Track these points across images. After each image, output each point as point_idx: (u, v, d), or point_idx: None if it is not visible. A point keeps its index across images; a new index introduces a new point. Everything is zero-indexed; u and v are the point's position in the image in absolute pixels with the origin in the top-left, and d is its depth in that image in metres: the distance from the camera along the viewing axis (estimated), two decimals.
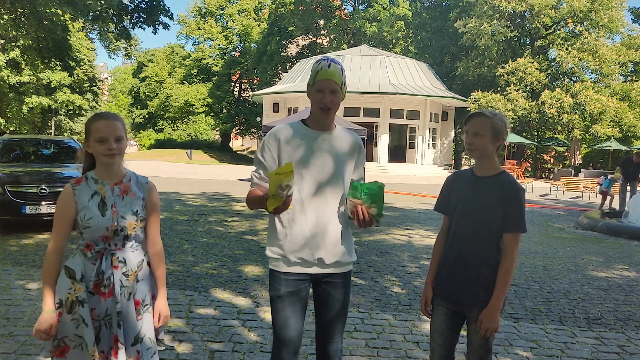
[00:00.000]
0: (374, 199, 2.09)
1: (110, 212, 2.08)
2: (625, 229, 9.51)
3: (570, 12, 29.53)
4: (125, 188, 2.15)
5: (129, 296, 2.10)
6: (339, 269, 2.28)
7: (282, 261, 2.23)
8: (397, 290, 5.18)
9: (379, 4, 39.94)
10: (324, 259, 2.22)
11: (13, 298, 4.44)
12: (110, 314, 2.06)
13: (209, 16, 46.26)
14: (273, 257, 2.26)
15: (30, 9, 13.36)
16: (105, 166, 2.11)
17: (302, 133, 2.25)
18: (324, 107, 2.18)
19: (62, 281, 2.07)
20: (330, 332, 2.33)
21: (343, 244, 2.26)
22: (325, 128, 2.27)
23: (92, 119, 2.12)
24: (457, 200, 2.38)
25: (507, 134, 2.32)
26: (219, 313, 4.25)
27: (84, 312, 2.03)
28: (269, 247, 2.29)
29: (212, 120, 46.36)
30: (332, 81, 2.17)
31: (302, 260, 2.21)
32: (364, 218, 2.11)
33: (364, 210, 2.10)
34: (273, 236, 2.27)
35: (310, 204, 2.20)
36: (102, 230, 2.06)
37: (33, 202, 7.14)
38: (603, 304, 5.01)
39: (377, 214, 2.10)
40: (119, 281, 2.07)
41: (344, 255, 2.27)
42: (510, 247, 2.24)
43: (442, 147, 32.72)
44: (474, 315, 2.29)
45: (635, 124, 29.14)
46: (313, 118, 2.27)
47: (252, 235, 7.82)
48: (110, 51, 39.08)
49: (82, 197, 2.08)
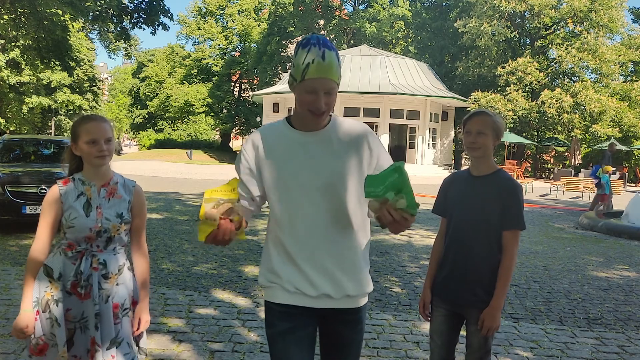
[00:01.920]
0: (397, 188, 1.54)
1: (95, 213, 2.07)
2: (625, 229, 9.51)
3: (570, 12, 29.53)
4: (112, 190, 2.15)
5: (107, 299, 2.09)
6: (350, 303, 1.81)
7: (279, 290, 1.79)
8: (397, 290, 5.18)
9: (379, 4, 39.93)
10: (330, 294, 1.76)
11: (13, 298, 4.44)
12: (86, 317, 2.05)
13: (209, 16, 46.23)
14: (267, 286, 1.83)
15: (30, 9, 13.37)
16: (94, 168, 2.11)
17: (286, 136, 1.79)
18: (317, 112, 1.70)
19: (40, 279, 2.07)
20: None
21: (354, 272, 1.80)
22: (315, 127, 1.78)
23: (81, 121, 2.11)
24: (454, 201, 2.38)
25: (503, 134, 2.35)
26: (219, 313, 4.25)
27: (57, 311, 2.03)
28: (263, 273, 1.86)
29: (212, 120, 46.33)
30: (328, 79, 1.66)
31: (303, 290, 1.77)
32: (394, 219, 1.54)
33: (392, 209, 1.53)
34: (267, 260, 1.85)
35: (305, 224, 1.75)
36: (85, 231, 2.05)
37: (33, 202, 7.14)
38: (603, 304, 5.01)
39: (408, 206, 1.53)
40: (97, 283, 2.06)
41: (357, 286, 1.80)
42: (510, 244, 2.24)
43: (442, 147, 32.70)
44: (474, 316, 2.28)
45: (635, 124, 29.11)
46: (299, 118, 1.78)
47: (252, 235, 7.82)
48: (110, 51, 39.02)
49: (68, 198, 2.08)
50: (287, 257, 1.78)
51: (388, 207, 1.53)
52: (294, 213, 1.76)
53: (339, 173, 1.76)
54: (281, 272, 1.78)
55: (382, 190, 1.54)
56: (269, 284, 1.82)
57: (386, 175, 1.56)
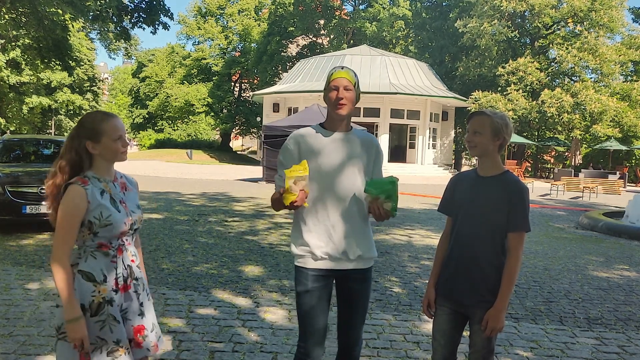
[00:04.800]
0: (388, 194, 2.20)
1: (122, 207, 2.09)
2: (625, 229, 9.51)
3: (570, 11, 29.54)
4: (122, 184, 2.18)
5: (143, 286, 2.17)
6: (362, 264, 2.37)
7: (309, 257, 2.32)
8: (398, 290, 5.18)
9: (379, 4, 39.93)
10: (348, 254, 2.31)
11: (13, 298, 4.43)
12: (125, 309, 2.08)
13: (209, 16, 46.24)
14: (299, 254, 2.35)
15: (31, 8, 13.37)
16: (109, 164, 2.11)
17: (321, 135, 2.36)
18: (339, 103, 2.27)
19: (82, 286, 2.00)
20: (352, 323, 2.41)
21: (364, 240, 2.36)
22: (343, 129, 2.38)
23: (103, 118, 2.06)
24: (460, 200, 2.38)
25: (510, 134, 2.32)
26: (219, 313, 4.25)
27: (113, 310, 2.02)
28: (294, 244, 2.38)
29: (212, 120, 46.33)
30: (345, 79, 2.29)
31: (328, 255, 2.30)
32: (380, 212, 2.22)
33: (380, 206, 2.21)
34: (298, 233, 2.37)
35: (332, 201, 2.31)
36: (121, 227, 2.04)
37: (33, 202, 7.14)
38: (603, 304, 5.00)
39: (392, 208, 2.22)
40: (135, 273, 2.13)
41: (366, 250, 2.36)
42: (515, 246, 2.25)
43: (442, 147, 32.71)
44: (477, 316, 2.28)
45: (636, 124, 29.13)
46: (330, 120, 2.38)
47: (253, 235, 7.81)
48: (110, 51, 38.96)
49: (95, 197, 2.01)
50: (316, 229, 2.31)
51: (378, 204, 2.21)
52: (323, 193, 2.31)
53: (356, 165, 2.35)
54: (310, 242, 2.31)
55: (377, 192, 2.21)
56: (301, 253, 2.34)
57: (384, 183, 2.23)
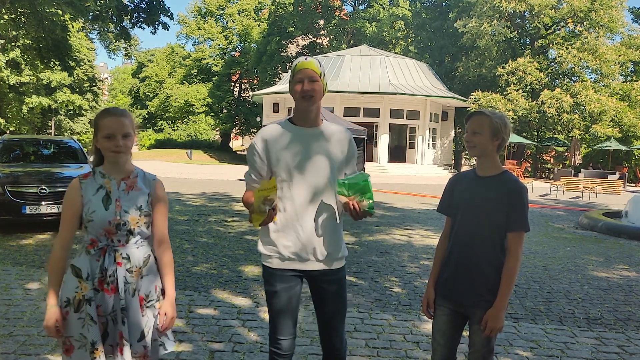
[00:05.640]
0: (362, 192, 2.13)
1: (114, 206, 2.08)
2: (625, 229, 9.51)
3: (570, 12, 29.53)
4: (131, 184, 2.16)
5: (134, 292, 2.08)
6: (331, 264, 2.30)
7: (276, 257, 2.27)
8: (397, 290, 5.18)
9: (379, 4, 39.91)
10: (316, 255, 2.25)
11: (13, 298, 4.44)
12: (115, 310, 2.07)
13: (209, 16, 46.22)
14: (266, 254, 2.30)
15: (30, 8, 13.36)
16: (112, 162, 2.12)
17: (289, 131, 2.26)
18: (305, 95, 2.18)
19: (69, 280, 2.07)
20: (332, 325, 2.36)
21: (334, 239, 2.29)
22: (312, 124, 2.27)
23: (101, 115, 2.11)
24: (459, 200, 2.38)
25: (509, 134, 2.32)
26: (219, 313, 4.25)
27: (90, 310, 2.03)
28: (262, 243, 2.33)
29: (212, 120, 46.31)
30: (310, 69, 2.18)
31: (296, 255, 2.24)
32: (357, 212, 2.14)
33: (356, 205, 2.14)
34: (266, 232, 2.30)
35: (301, 201, 2.22)
36: (104, 224, 2.05)
37: (33, 202, 7.14)
38: (603, 304, 5.01)
39: (369, 206, 2.15)
40: (122, 277, 2.07)
41: (335, 250, 2.30)
42: (514, 246, 2.25)
43: (442, 147, 32.71)
44: (477, 316, 2.28)
45: (635, 124, 29.11)
46: (298, 114, 2.27)
47: (252, 235, 7.82)
48: (110, 51, 39.03)
49: (88, 191, 2.08)
50: (284, 228, 2.23)
51: (356, 204, 2.13)
52: (291, 191, 2.21)
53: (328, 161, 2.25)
54: (277, 242, 2.25)
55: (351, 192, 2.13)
56: (267, 252, 2.29)
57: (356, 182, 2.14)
